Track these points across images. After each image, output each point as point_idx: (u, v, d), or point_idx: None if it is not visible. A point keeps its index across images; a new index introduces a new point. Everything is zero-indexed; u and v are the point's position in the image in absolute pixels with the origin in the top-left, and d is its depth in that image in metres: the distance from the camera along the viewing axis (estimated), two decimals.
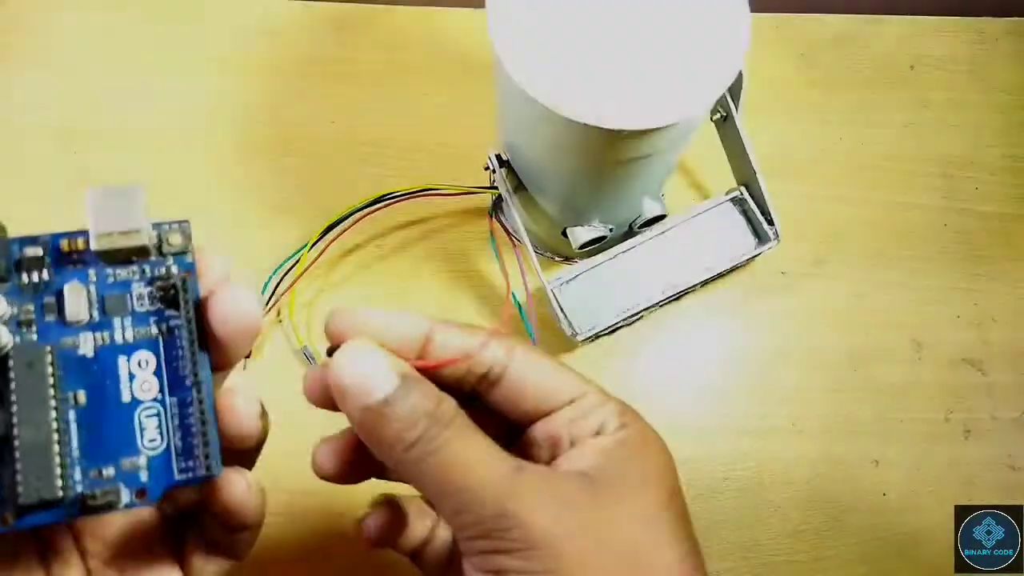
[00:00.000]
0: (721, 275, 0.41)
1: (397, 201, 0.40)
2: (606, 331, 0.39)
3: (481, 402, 0.24)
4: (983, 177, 0.48)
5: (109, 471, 0.20)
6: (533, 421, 0.24)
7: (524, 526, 0.19)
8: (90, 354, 0.20)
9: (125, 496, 0.20)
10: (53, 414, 0.19)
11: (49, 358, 0.19)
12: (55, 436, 0.19)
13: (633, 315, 0.39)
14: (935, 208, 0.47)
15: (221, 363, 0.22)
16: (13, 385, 0.18)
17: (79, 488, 0.19)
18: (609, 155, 0.29)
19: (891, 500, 0.41)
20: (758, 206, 0.40)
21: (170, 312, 0.21)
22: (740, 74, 0.35)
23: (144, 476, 0.20)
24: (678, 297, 0.41)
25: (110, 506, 0.19)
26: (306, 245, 0.40)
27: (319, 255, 0.40)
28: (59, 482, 0.18)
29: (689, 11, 0.28)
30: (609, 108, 0.26)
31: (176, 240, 0.21)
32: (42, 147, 0.46)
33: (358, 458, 0.23)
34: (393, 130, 0.47)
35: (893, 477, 0.41)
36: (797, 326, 0.44)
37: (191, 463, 0.20)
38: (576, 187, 0.33)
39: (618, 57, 0.27)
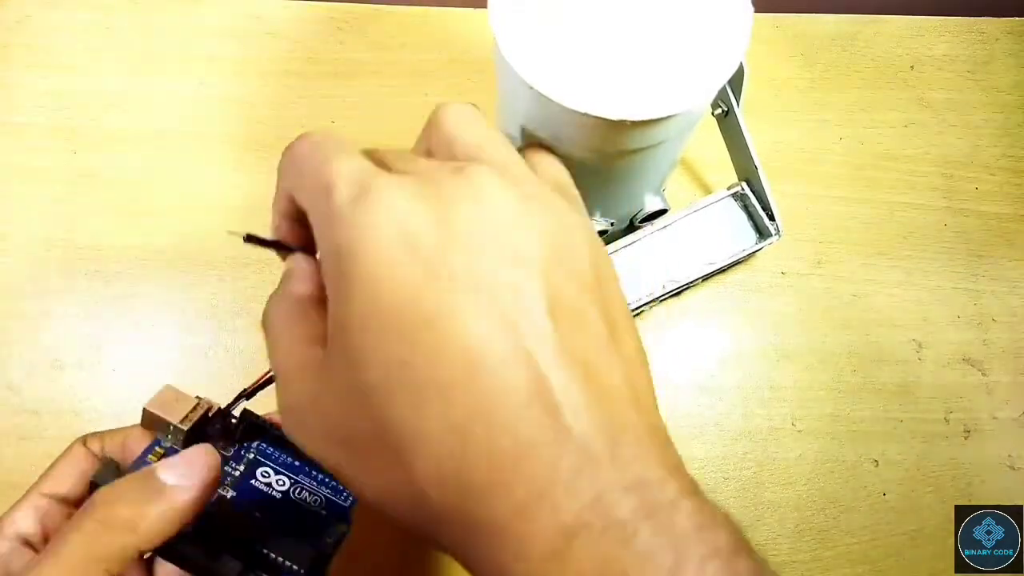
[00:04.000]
0: (722, 270, 0.41)
1: None
2: None
3: None
4: (983, 177, 0.48)
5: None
6: None
7: None
8: (234, 493, 0.27)
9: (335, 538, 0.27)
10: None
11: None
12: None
13: (633, 310, 0.39)
14: (935, 208, 0.47)
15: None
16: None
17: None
18: (610, 147, 0.29)
19: (891, 500, 0.41)
20: (759, 201, 0.40)
21: (238, 445, 0.28)
22: (741, 67, 0.35)
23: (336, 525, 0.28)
24: (679, 292, 0.41)
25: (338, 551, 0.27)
26: None
27: None
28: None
29: (690, 2, 0.28)
30: (610, 98, 0.26)
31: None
32: (42, 147, 0.47)
33: None
34: (393, 130, 0.47)
35: (893, 477, 0.41)
36: (797, 326, 0.44)
37: (345, 494, 0.28)
38: (577, 180, 0.33)
39: (619, 47, 0.27)
